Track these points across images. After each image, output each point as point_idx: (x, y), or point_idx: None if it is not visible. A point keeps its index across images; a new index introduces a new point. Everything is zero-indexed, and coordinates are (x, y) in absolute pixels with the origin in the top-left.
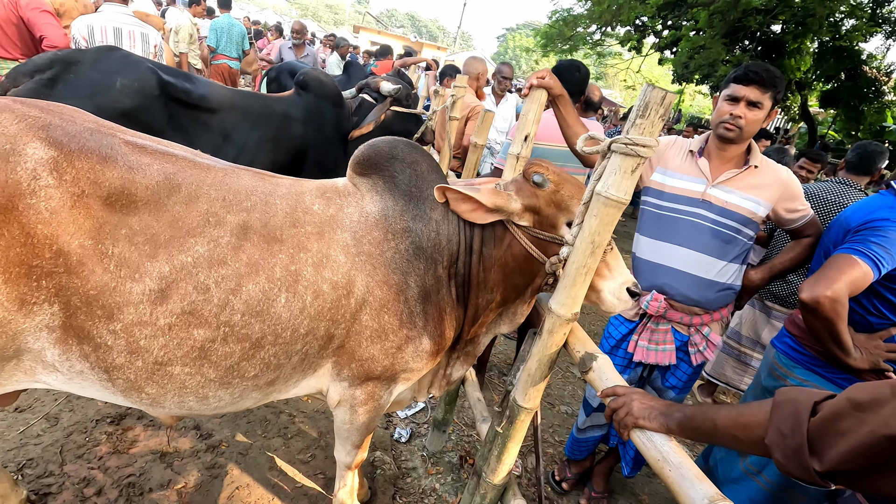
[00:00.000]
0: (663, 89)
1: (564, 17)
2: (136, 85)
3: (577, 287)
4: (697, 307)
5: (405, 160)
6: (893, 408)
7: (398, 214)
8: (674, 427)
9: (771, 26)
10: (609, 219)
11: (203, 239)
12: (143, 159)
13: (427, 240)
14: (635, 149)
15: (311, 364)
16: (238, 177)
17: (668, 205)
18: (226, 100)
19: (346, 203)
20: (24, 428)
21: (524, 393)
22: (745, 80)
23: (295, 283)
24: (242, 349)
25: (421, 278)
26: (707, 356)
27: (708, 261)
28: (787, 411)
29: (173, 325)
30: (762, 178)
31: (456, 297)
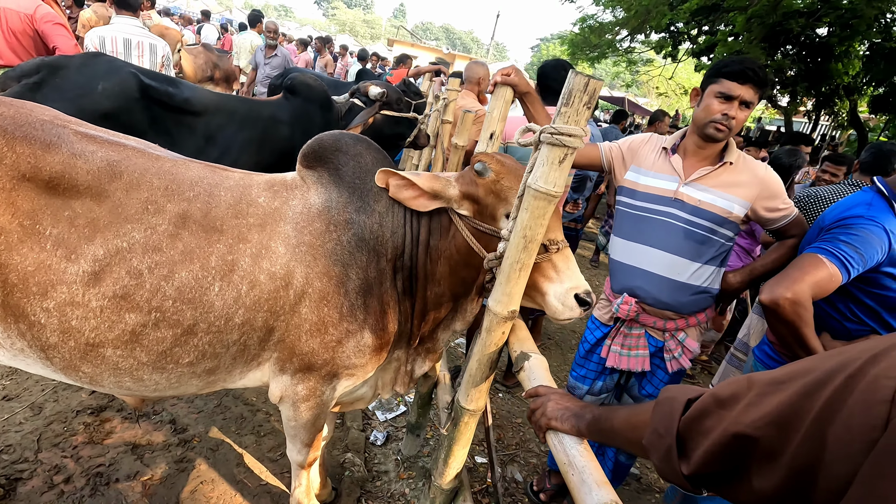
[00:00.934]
0: (587, 75)
1: (591, 24)
2: (117, 88)
3: (513, 284)
4: (670, 311)
5: (349, 153)
6: (746, 402)
7: (341, 206)
8: (583, 429)
9: (815, 29)
10: (540, 212)
11: (140, 225)
12: (88, 147)
13: (370, 232)
14: (560, 138)
15: (254, 356)
16: (186, 168)
17: (640, 204)
18: (210, 103)
19: (291, 196)
20: (9, 416)
21: (466, 394)
22: (741, 77)
23: (230, 273)
24: (174, 335)
25: (363, 271)
26: (683, 363)
27: (681, 262)
28: (663, 410)
29: (105, 307)
30: (738, 175)
31: (402, 289)
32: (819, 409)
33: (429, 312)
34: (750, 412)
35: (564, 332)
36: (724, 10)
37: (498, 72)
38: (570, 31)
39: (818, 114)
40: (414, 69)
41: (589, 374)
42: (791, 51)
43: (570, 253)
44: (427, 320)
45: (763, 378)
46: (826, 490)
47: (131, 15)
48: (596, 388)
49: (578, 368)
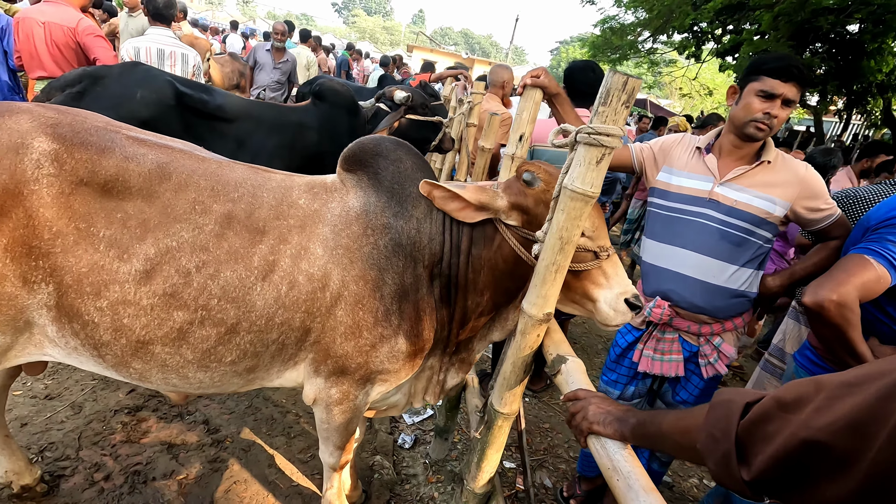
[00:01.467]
0: (625, 74)
1: (612, 25)
2: (154, 96)
3: (548, 286)
4: (705, 315)
5: (389, 157)
6: (815, 406)
7: (379, 210)
8: (627, 433)
9: (846, 26)
10: (576, 213)
11: (189, 225)
12: (139, 150)
13: (407, 237)
14: (598, 138)
15: (291, 356)
16: (231, 169)
17: (673, 205)
18: (242, 110)
19: (330, 198)
20: (51, 414)
21: (500, 398)
22: (786, 74)
23: (271, 273)
24: (218, 333)
25: (399, 276)
26: (719, 369)
27: (716, 265)
28: (720, 413)
29: (155, 305)
30: (777, 174)
31: (440, 297)
32: None
33: (467, 321)
34: (821, 416)
35: (590, 337)
36: (749, 8)
37: (527, 74)
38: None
39: (849, 113)
40: (436, 74)
41: (620, 378)
42: (820, 49)
43: (617, 259)
44: (465, 329)
45: (832, 381)
46: None
47: (165, 26)
48: (628, 394)
49: (609, 373)
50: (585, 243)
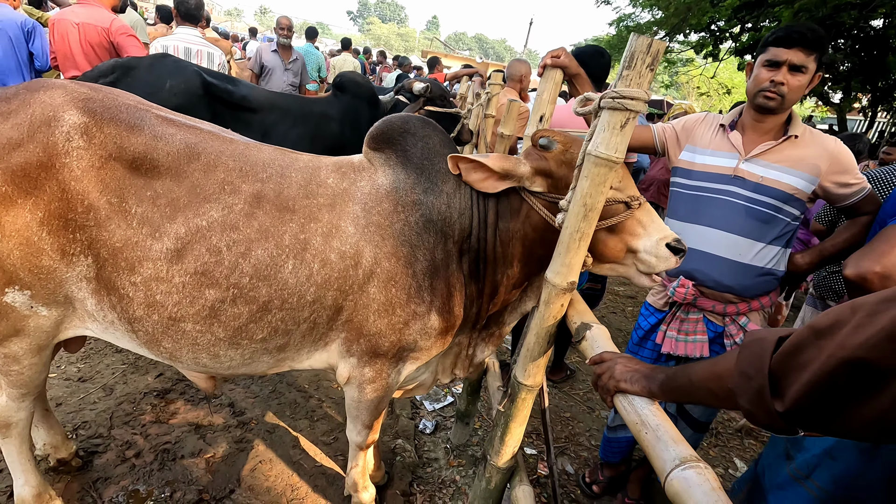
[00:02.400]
0: (650, 36)
1: (628, 25)
2: (183, 86)
3: (572, 254)
4: (731, 294)
5: (417, 134)
6: (853, 325)
7: (409, 187)
8: (656, 390)
9: (869, 21)
10: (601, 179)
11: (218, 205)
12: (168, 130)
13: (437, 213)
14: (622, 102)
15: (322, 336)
16: (258, 150)
17: (697, 184)
18: (266, 100)
19: (359, 177)
20: (84, 395)
21: (524, 369)
22: (787, 41)
23: (303, 251)
24: (250, 311)
25: (430, 252)
26: None
27: (743, 243)
28: (752, 351)
29: (186, 283)
30: (805, 149)
31: (469, 272)
32: None
33: (497, 295)
34: (859, 334)
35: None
36: (768, 4)
37: (548, 54)
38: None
39: (874, 110)
40: (450, 73)
41: (644, 360)
42: (843, 45)
43: (650, 206)
44: (496, 302)
45: (871, 299)
46: None
47: (192, 26)
48: None
49: (632, 355)
50: (615, 195)
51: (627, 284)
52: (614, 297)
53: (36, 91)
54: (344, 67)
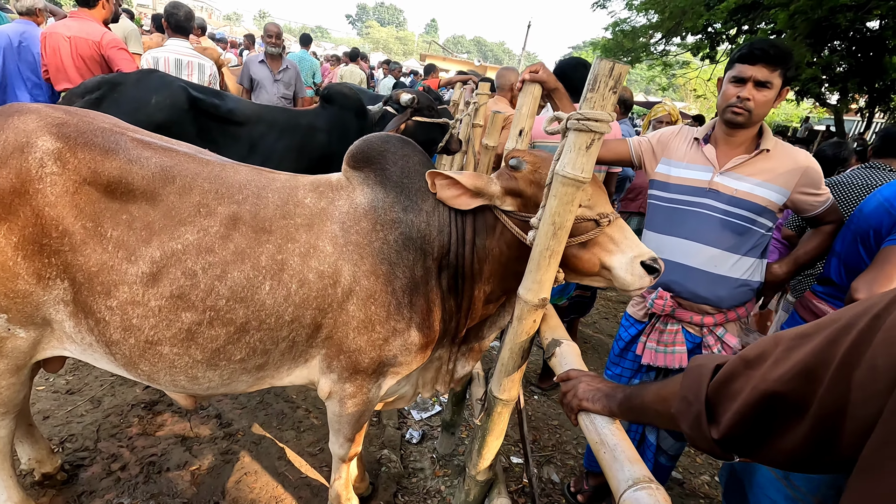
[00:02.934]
0: (612, 60)
1: (624, 28)
2: (168, 101)
3: (543, 271)
4: (708, 305)
5: (396, 153)
6: (774, 359)
7: (388, 206)
8: (615, 409)
9: (866, 22)
10: (568, 198)
11: (193, 228)
12: (143, 153)
13: (417, 230)
14: (587, 124)
15: (301, 353)
16: (235, 171)
17: (673, 196)
18: (253, 113)
19: (337, 196)
20: (71, 408)
21: (499, 384)
22: (750, 58)
23: (280, 272)
24: (227, 333)
25: (410, 269)
26: None
27: (719, 255)
28: (692, 377)
29: (162, 307)
30: (776, 162)
31: (448, 288)
32: (844, 354)
33: (475, 309)
34: (777, 368)
35: (602, 336)
36: (764, 7)
37: (526, 69)
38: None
39: (872, 111)
40: (445, 79)
41: (624, 372)
42: (840, 46)
43: (624, 223)
44: (474, 317)
45: (790, 334)
46: (852, 434)
47: (183, 38)
48: None
49: (613, 367)
50: (584, 213)
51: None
52: (606, 303)
53: (9, 116)
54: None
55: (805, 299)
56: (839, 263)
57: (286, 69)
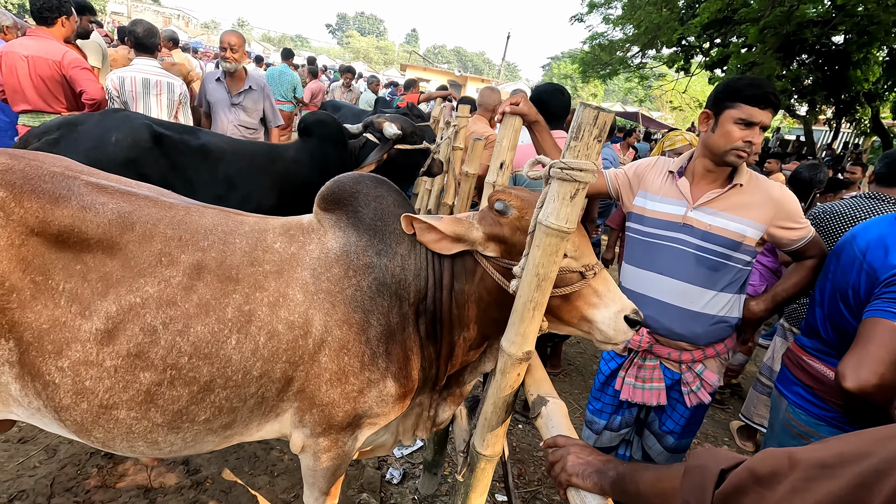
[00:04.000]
0: (597, 108)
1: (601, 42)
2: (129, 139)
3: (527, 323)
4: (685, 342)
5: (369, 195)
6: (790, 486)
7: (361, 250)
8: (607, 487)
9: (831, 37)
10: (552, 249)
11: (154, 279)
12: (99, 199)
13: (392, 276)
14: (571, 173)
15: (272, 408)
16: (200, 216)
17: (649, 230)
18: (228, 148)
19: (308, 240)
20: (23, 459)
21: (482, 439)
22: (763, 101)
23: (247, 324)
24: (190, 393)
25: (385, 317)
26: (702, 397)
27: (694, 291)
28: (694, 480)
29: (118, 366)
30: (750, 196)
31: (426, 334)
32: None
33: (456, 357)
34: (796, 499)
35: (585, 358)
36: (735, 22)
37: (506, 101)
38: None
39: (839, 122)
40: (424, 95)
41: (605, 407)
42: (807, 60)
43: (608, 275)
44: (454, 364)
45: (807, 459)
46: None
47: (149, 56)
48: (615, 424)
49: (595, 402)
50: (569, 264)
51: None
52: None
53: None
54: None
55: (794, 354)
56: (824, 317)
57: (249, 90)
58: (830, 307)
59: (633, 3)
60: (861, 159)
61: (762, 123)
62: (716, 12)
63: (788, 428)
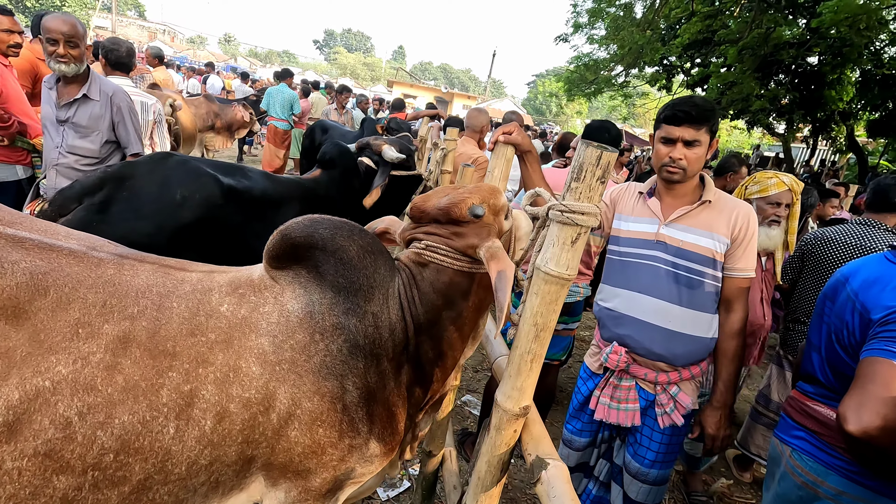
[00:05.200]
0: (601, 147)
1: (586, 62)
2: (198, 196)
3: (524, 377)
4: (663, 362)
5: (327, 248)
6: None
7: (326, 310)
8: None
9: (807, 58)
10: (552, 297)
11: (68, 356)
12: (9, 256)
13: (364, 336)
14: (572, 217)
15: (233, 487)
16: (133, 274)
17: (624, 250)
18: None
19: (262, 300)
20: None
21: (475, 499)
22: (675, 120)
23: (188, 408)
24: (121, 495)
25: (361, 378)
26: (675, 419)
27: (671, 309)
28: None
29: (24, 469)
30: (718, 212)
31: (412, 380)
32: None
33: (446, 379)
34: None
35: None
36: (715, 43)
37: (499, 129)
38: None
39: (815, 139)
40: (412, 114)
41: (584, 427)
42: (784, 80)
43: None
44: (443, 387)
45: None
46: None
47: (123, 75)
48: (584, 442)
49: (573, 421)
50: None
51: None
52: (582, 344)
53: None
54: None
55: (796, 401)
56: (821, 361)
57: (84, 100)
58: (828, 350)
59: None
60: (838, 176)
61: (682, 138)
62: (696, 34)
63: (793, 476)
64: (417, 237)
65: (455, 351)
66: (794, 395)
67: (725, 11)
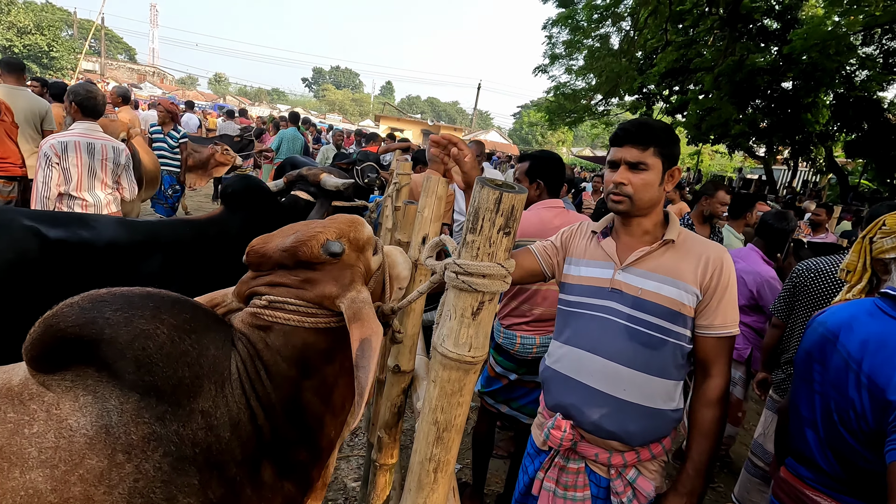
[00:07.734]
0: (497, 187)
1: (564, 91)
2: (7, 255)
3: (427, 492)
4: (615, 441)
5: (119, 338)
6: None
7: (129, 420)
8: None
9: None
10: (453, 386)
11: None
12: None
13: (191, 443)
14: (469, 281)
15: None
16: None
17: (574, 299)
18: (144, 233)
19: (28, 418)
20: None
21: None
22: (616, 140)
23: None
24: None
25: (199, 496)
26: None
27: (625, 374)
28: None
29: None
30: (684, 254)
31: (281, 472)
32: None
33: (317, 468)
34: None
35: None
36: (691, 70)
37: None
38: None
39: (796, 161)
40: (383, 147)
41: None
42: (762, 104)
43: None
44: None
45: None
46: None
47: (93, 121)
48: None
49: None
50: None
51: None
52: None
53: None
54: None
55: (788, 485)
56: (820, 444)
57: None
58: (827, 430)
59: (592, 54)
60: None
61: (624, 159)
62: (672, 62)
63: None
64: (257, 291)
65: (327, 427)
66: (785, 476)
67: (699, 41)
